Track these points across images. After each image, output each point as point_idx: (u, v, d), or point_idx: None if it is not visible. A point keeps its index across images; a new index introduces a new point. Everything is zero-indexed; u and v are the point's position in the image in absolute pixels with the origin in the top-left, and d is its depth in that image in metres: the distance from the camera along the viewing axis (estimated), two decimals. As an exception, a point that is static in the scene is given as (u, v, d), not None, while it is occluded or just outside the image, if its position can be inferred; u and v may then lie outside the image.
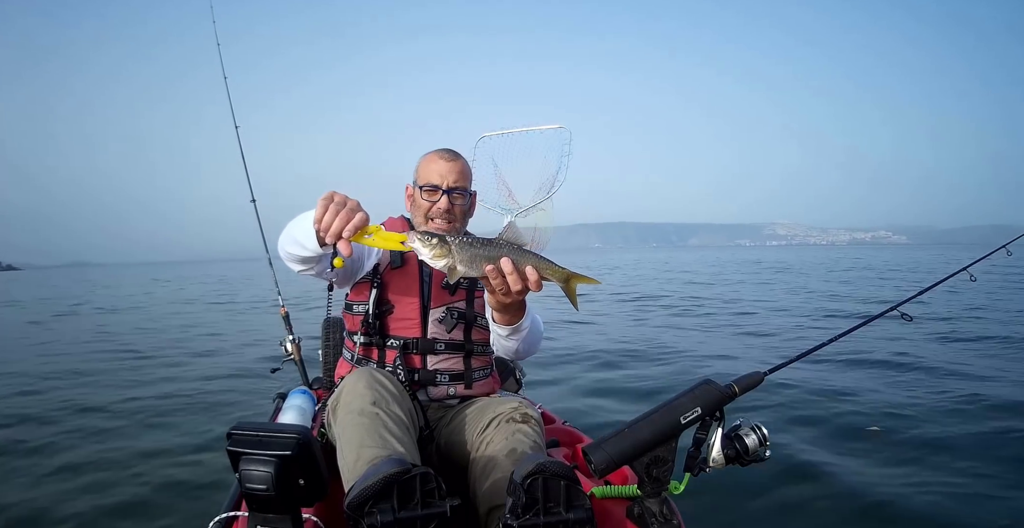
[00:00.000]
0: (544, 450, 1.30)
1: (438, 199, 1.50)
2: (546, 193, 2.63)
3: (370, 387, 1.24)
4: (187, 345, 6.96)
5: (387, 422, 1.18)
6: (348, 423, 1.18)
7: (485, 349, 1.55)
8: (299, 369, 2.44)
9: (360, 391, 1.23)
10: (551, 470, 1.01)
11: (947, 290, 2.59)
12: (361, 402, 1.21)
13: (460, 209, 1.55)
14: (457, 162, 1.54)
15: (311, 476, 0.99)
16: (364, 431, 1.15)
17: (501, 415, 1.32)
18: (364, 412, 1.19)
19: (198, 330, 8.50)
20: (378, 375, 1.29)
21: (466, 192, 1.55)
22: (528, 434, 1.27)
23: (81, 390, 4.47)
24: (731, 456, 1.15)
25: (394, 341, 1.46)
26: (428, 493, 0.98)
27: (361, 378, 1.27)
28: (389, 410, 1.21)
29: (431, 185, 1.51)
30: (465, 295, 1.52)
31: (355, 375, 1.29)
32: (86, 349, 6.82)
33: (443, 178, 1.51)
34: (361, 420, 1.17)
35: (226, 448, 0.98)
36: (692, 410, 1.12)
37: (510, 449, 1.23)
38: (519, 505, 1.00)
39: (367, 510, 0.95)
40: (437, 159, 1.53)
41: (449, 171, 1.51)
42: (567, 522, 1.01)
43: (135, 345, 6.95)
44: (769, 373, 1.23)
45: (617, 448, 1.11)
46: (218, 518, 1.13)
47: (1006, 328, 6.62)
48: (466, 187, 1.55)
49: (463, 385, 1.48)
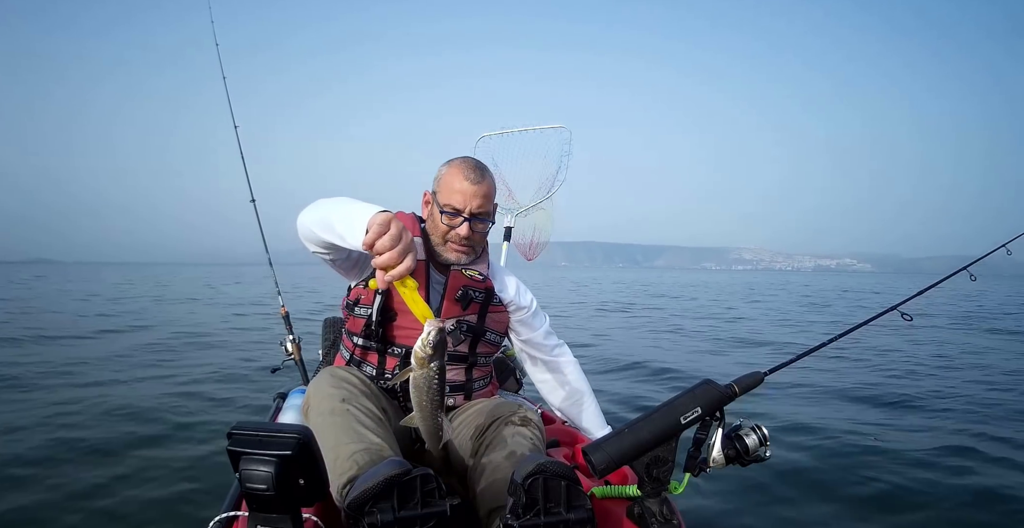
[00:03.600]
0: (544, 453, 1.30)
1: (458, 225, 1.40)
2: (546, 193, 2.64)
3: (336, 386, 1.24)
4: (188, 344, 6.96)
5: (359, 416, 1.19)
6: (321, 425, 1.18)
7: (488, 360, 1.54)
8: (299, 369, 2.44)
9: (327, 391, 1.23)
10: (551, 470, 1.01)
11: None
12: (330, 402, 1.21)
13: (480, 235, 1.44)
14: (483, 184, 1.40)
15: (311, 476, 1.00)
16: (338, 429, 1.16)
17: (501, 418, 1.32)
18: (335, 411, 1.19)
19: (198, 329, 8.50)
20: (341, 373, 1.29)
21: (488, 219, 1.44)
22: (528, 437, 1.27)
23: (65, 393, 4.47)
24: (731, 456, 1.15)
25: (396, 349, 1.42)
26: (428, 493, 0.99)
27: (326, 379, 1.27)
28: (359, 404, 1.21)
29: (452, 209, 1.39)
30: (478, 309, 1.47)
31: (320, 377, 1.30)
32: (84, 346, 6.82)
33: (466, 203, 1.38)
34: (333, 419, 1.18)
35: (226, 448, 0.98)
36: (692, 410, 1.12)
37: (509, 451, 1.23)
38: (519, 505, 1.00)
39: (367, 510, 0.96)
40: (462, 179, 1.38)
41: (474, 195, 1.38)
42: (567, 522, 1.01)
43: (137, 340, 6.95)
44: (769, 373, 1.23)
45: (617, 448, 1.11)
46: (218, 518, 1.13)
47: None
48: (489, 212, 1.44)
49: (463, 395, 1.48)
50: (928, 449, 2.89)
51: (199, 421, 3.54)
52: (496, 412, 1.34)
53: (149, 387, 4.52)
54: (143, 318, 9.96)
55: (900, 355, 5.56)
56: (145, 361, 5.72)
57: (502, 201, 2.64)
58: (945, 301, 14.37)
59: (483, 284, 1.48)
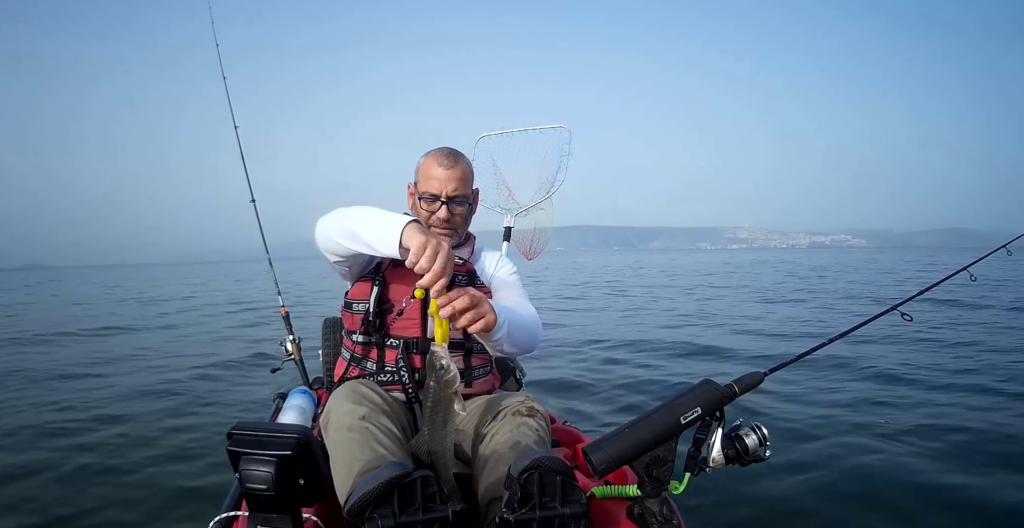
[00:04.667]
0: (549, 444, 1.31)
1: (437, 209, 1.49)
2: (546, 193, 2.63)
3: (358, 402, 1.24)
4: (189, 344, 6.96)
5: (377, 435, 1.19)
6: (338, 439, 1.19)
7: (484, 347, 1.54)
8: (299, 369, 2.44)
9: (348, 407, 1.23)
10: (547, 465, 1.02)
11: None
12: (350, 418, 1.21)
13: (460, 218, 1.53)
14: (456, 168, 1.49)
15: (311, 476, 1.00)
16: (355, 445, 1.16)
17: (508, 408, 1.33)
18: (353, 427, 1.19)
19: (198, 329, 8.50)
20: (365, 389, 1.29)
21: (466, 201, 1.52)
22: (533, 428, 1.28)
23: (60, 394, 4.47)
24: (731, 456, 1.15)
25: (394, 341, 1.45)
26: (429, 497, 0.98)
27: (349, 394, 1.27)
28: (379, 423, 1.22)
29: (430, 195, 1.49)
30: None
31: (342, 391, 1.29)
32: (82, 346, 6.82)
33: (442, 187, 1.47)
34: (351, 435, 1.18)
35: (226, 448, 0.98)
36: (692, 410, 1.12)
37: (514, 442, 1.23)
38: (515, 499, 1.01)
39: (368, 515, 0.95)
40: (436, 166, 1.48)
41: (448, 179, 1.47)
42: (562, 516, 1.02)
43: (143, 343, 6.96)
44: (769, 373, 1.23)
45: (617, 448, 1.11)
46: (218, 518, 1.13)
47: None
48: (466, 194, 1.52)
49: (463, 383, 1.48)
50: (929, 448, 2.89)
51: (199, 421, 3.55)
52: (503, 402, 1.35)
53: (150, 387, 4.52)
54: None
55: (904, 347, 5.57)
56: (146, 361, 5.72)
57: (502, 201, 2.64)
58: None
59: (464, 267, 1.53)
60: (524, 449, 1.18)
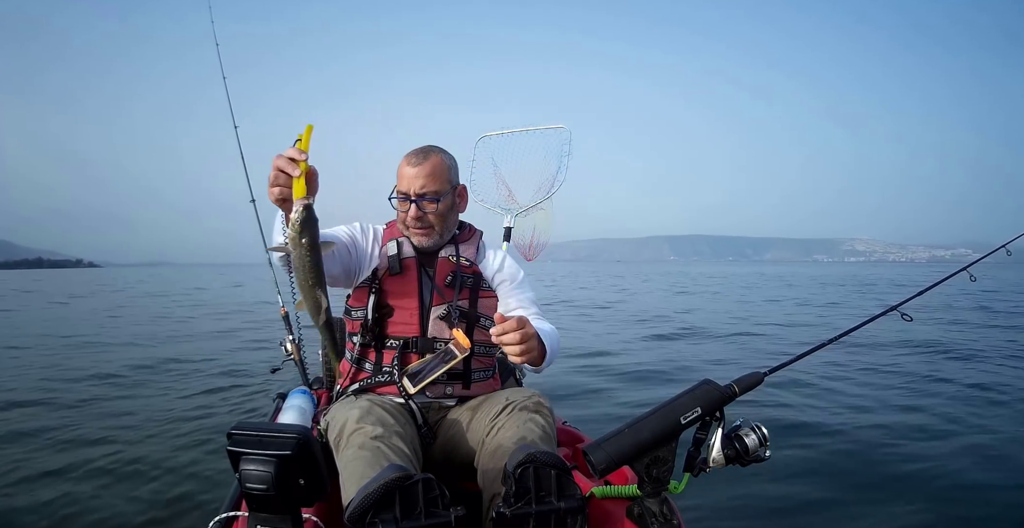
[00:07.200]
0: (554, 440, 1.31)
1: (407, 208, 1.46)
2: (546, 193, 2.63)
3: (374, 423, 1.24)
4: (194, 344, 6.96)
5: (388, 454, 1.18)
6: (350, 457, 1.19)
7: (488, 350, 1.53)
8: (299, 369, 2.44)
9: (359, 426, 1.24)
10: (541, 460, 1.03)
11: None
12: (362, 437, 1.21)
13: (434, 216, 1.47)
14: (424, 165, 1.44)
15: (311, 476, 0.99)
16: (366, 464, 1.16)
17: (515, 403, 1.33)
18: (365, 446, 1.19)
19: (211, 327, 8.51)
20: (379, 410, 1.28)
21: (436, 198, 1.46)
22: (539, 423, 1.28)
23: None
24: (731, 456, 1.14)
25: (393, 341, 1.46)
26: (431, 501, 0.98)
27: (363, 412, 1.27)
28: (391, 443, 1.21)
29: (400, 194, 1.47)
30: (469, 294, 1.51)
31: (358, 409, 1.28)
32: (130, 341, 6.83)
33: (410, 185, 1.45)
34: (363, 454, 1.18)
35: (226, 448, 0.98)
36: (692, 410, 1.12)
37: (520, 436, 1.24)
38: (511, 494, 1.01)
39: (368, 521, 0.95)
40: (406, 165, 1.46)
41: (415, 176, 1.44)
42: (558, 511, 1.02)
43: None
44: (769, 373, 1.23)
45: (617, 448, 1.11)
46: (218, 518, 1.13)
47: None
48: (437, 191, 1.46)
49: (461, 384, 1.48)
50: (930, 449, 2.89)
51: (199, 421, 3.54)
52: (511, 397, 1.36)
53: (152, 386, 4.53)
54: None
55: (902, 349, 5.57)
56: (146, 361, 5.73)
57: (502, 201, 2.64)
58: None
59: (471, 269, 1.53)
60: (529, 444, 1.19)
